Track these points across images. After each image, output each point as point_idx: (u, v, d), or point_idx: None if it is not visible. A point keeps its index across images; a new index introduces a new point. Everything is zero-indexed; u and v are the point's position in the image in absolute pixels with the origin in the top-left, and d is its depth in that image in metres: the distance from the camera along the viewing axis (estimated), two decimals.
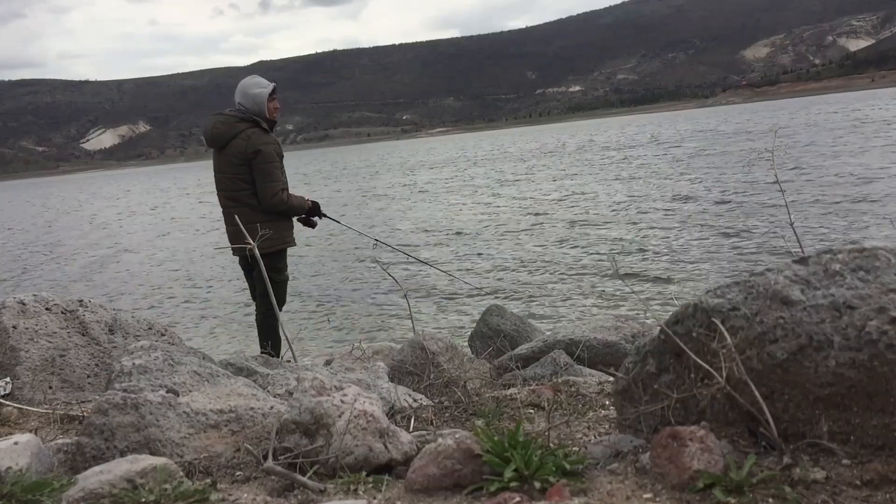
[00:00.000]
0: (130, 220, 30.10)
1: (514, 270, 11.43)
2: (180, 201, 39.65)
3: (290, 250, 4.66)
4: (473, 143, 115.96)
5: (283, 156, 4.46)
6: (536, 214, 17.96)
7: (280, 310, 4.47)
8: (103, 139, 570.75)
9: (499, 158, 50.56)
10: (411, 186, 32.53)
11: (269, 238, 4.19)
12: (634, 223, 14.80)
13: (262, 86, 4.46)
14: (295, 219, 4.67)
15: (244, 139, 4.29)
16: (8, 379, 3.09)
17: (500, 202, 21.74)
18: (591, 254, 12.05)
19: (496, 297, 9.51)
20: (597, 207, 17.93)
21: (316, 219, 4.76)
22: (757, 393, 1.50)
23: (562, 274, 10.74)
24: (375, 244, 5.41)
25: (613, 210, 17.18)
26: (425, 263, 7.97)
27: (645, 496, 1.42)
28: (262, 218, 4.32)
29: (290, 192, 4.53)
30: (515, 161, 44.82)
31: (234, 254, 4.51)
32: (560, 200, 20.40)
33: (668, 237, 12.77)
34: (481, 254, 13.22)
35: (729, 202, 16.13)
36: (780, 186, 3.81)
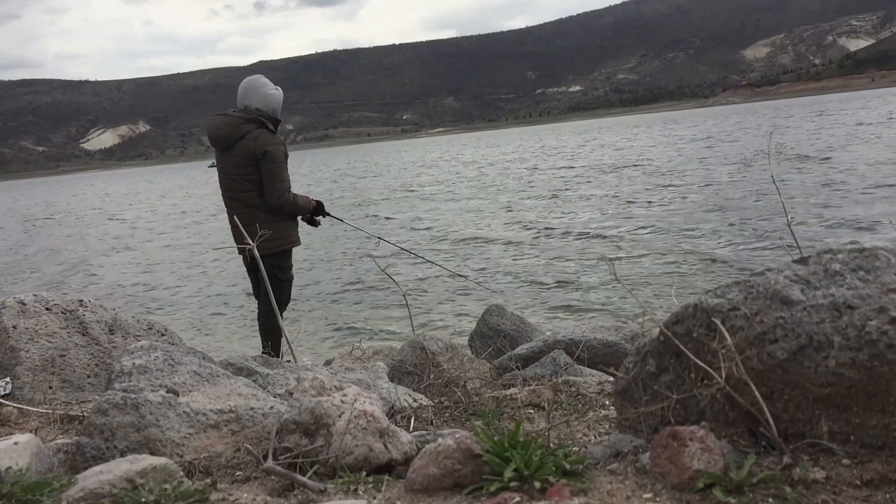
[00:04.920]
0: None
1: (513, 271, 11.43)
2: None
3: (293, 250, 4.66)
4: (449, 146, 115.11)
5: (288, 156, 4.46)
6: (538, 219, 17.97)
7: (284, 309, 4.47)
8: (103, 139, 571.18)
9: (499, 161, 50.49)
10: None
11: (274, 238, 4.18)
12: (632, 224, 14.79)
13: (273, 87, 4.48)
14: (299, 218, 4.67)
15: (251, 140, 4.28)
16: (8, 379, 3.09)
17: (489, 208, 21.74)
18: (590, 254, 12.05)
19: (496, 295, 9.50)
20: (595, 207, 17.94)
21: (319, 218, 4.76)
22: (757, 393, 1.50)
23: (562, 276, 10.74)
24: (378, 242, 5.43)
25: (612, 211, 17.18)
26: (433, 263, 7.91)
27: (645, 496, 1.42)
28: (268, 218, 4.32)
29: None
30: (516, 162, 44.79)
31: (239, 252, 4.52)
32: (564, 201, 20.42)
33: (666, 238, 12.76)
34: (477, 257, 13.22)
35: (726, 203, 16.12)
36: (777, 187, 3.81)
